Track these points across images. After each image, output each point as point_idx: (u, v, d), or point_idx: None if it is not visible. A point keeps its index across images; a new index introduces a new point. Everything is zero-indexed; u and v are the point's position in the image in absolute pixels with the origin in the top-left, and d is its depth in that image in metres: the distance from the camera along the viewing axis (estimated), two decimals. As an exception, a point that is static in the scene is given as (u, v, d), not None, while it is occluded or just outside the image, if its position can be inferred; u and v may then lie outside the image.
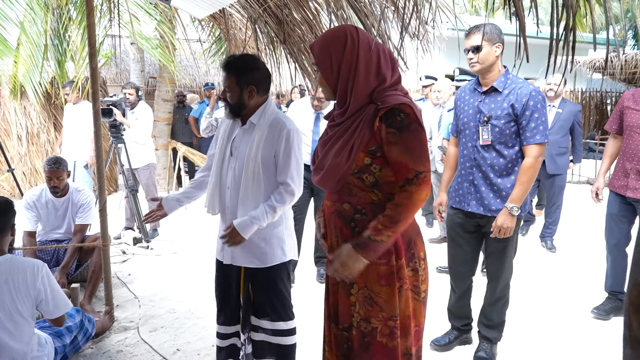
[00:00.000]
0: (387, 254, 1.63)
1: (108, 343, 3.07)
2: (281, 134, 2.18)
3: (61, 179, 3.57)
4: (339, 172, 1.61)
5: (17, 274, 2.26)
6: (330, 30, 1.69)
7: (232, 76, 2.18)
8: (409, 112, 1.57)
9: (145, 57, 9.79)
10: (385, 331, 1.65)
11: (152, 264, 4.58)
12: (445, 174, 2.89)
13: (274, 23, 2.90)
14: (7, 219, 2.32)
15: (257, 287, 2.32)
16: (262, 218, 2.17)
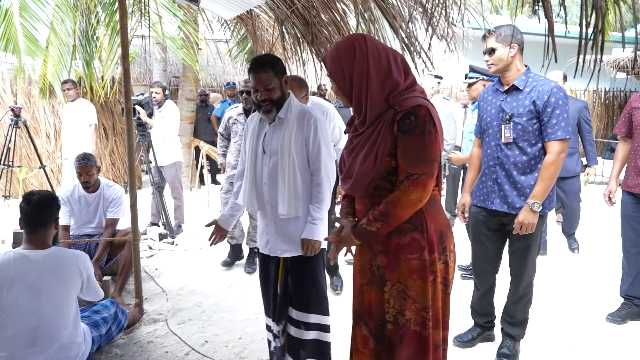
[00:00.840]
0: (419, 249, 1.69)
1: (139, 334, 3.18)
2: (309, 123, 2.28)
3: (91, 174, 3.69)
4: (367, 178, 1.69)
5: (66, 264, 2.39)
6: (338, 42, 1.75)
7: (271, 70, 2.24)
8: (421, 114, 1.61)
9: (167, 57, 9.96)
10: (418, 320, 1.71)
11: (178, 259, 4.69)
12: (469, 175, 2.93)
13: (301, 24, 2.97)
14: (52, 213, 2.44)
15: (295, 276, 2.39)
16: (319, 215, 2.30)
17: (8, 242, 4.98)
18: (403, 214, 1.66)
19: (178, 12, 6.43)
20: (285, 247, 2.37)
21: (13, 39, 5.98)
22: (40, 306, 2.30)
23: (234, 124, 4.17)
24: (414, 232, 1.70)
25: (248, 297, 3.76)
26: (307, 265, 2.37)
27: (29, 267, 2.31)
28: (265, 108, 2.28)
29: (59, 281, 2.35)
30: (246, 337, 3.12)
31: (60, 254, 2.42)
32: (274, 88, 2.25)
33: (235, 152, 4.15)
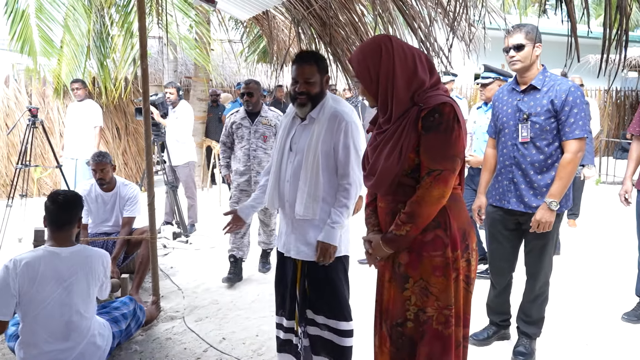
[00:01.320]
0: (442, 246, 1.71)
1: (157, 331, 3.22)
2: (340, 126, 2.24)
3: (106, 171, 3.75)
4: (391, 174, 1.70)
5: (93, 261, 2.45)
6: (364, 43, 1.78)
7: (314, 65, 2.24)
8: (446, 112, 1.64)
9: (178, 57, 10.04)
10: (440, 319, 1.73)
11: (192, 257, 4.74)
12: (484, 176, 2.92)
13: (318, 25, 3.00)
14: (76, 212, 2.49)
15: (312, 281, 2.34)
16: (340, 219, 2.24)
17: (25, 240, 5.05)
18: (429, 212, 1.68)
19: (190, 12, 6.49)
20: (300, 249, 2.33)
21: (29, 40, 6.06)
22: (70, 301, 2.36)
23: (239, 129, 4.04)
24: (438, 229, 1.72)
25: (263, 295, 3.80)
26: (323, 269, 2.32)
27: (58, 263, 2.37)
28: (301, 100, 2.25)
29: (86, 277, 2.41)
30: (263, 334, 3.15)
31: (87, 251, 2.49)
32: (314, 83, 2.24)
33: (244, 158, 4.02)
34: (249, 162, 4.00)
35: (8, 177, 7.44)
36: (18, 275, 2.28)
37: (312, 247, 2.31)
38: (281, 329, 2.51)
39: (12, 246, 4.90)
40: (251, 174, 4.01)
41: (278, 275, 2.52)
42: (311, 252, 2.32)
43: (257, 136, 3.99)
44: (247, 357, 2.87)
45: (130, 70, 6.96)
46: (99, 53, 6.80)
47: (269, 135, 4.00)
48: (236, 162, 4.09)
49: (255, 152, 4.00)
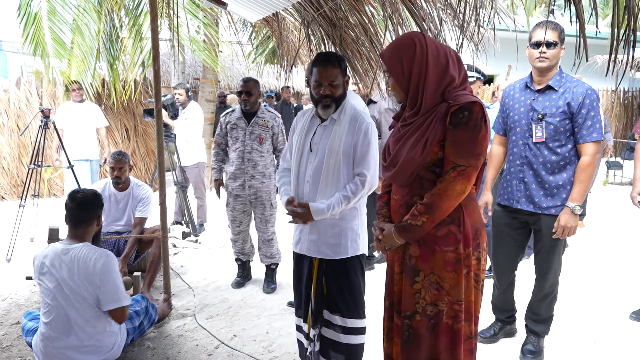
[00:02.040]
0: (455, 242, 1.74)
1: (169, 328, 3.27)
2: (361, 127, 2.29)
3: (123, 170, 3.83)
4: (413, 165, 1.73)
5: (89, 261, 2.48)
6: (398, 39, 1.82)
7: (338, 67, 2.27)
8: (475, 110, 1.68)
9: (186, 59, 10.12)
10: (450, 313, 1.76)
11: (202, 256, 4.79)
12: (490, 173, 2.93)
13: (328, 26, 3.04)
14: (94, 210, 2.54)
15: (330, 279, 2.35)
16: (337, 206, 2.26)
17: (36, 239, 5.13)
18: (448, 206, 1.70)
19: (198, 14, 6.55)
20: (321, 249, 2.35)
21: (42, 43, 6.14)
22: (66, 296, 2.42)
23: (233, 129, 3.78)
24: (452, 225, 1.75)
25: (273, 293, 3.84)
26: (342, 268, 2.34)
27: (61, 259, 2.44)
28: (326, 102, 2.28)
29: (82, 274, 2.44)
30: (273, 331, 3.20)
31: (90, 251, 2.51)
32: (338, 85, 2.27)
33: (237, 161, 3.76)
34: (242, 165, 3.75)
35: (19, 178, 7.54)
36: (35, 268, 2.38)
37: (332, 246, 2.34)
38: (301, 332, 2.51)
39: (24, 245, 4.98)
40: (245, 177, 3.76)
41: (296, 276, 2.52)
42: (333, 252, 2.34)
43: (252, 138, 3.73)
44: (258, 353, 2.91)
45: (140, 72, 7.03)
46: (108, 55, 6.87)
47: (265, 137, 3.76)
48: (229, 165, 3.87)
49: (250, 155, 3.74)
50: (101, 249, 2.58)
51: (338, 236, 2.34)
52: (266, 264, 3.97)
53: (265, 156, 3.78)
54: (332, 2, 2.82)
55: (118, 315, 2.55)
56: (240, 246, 3.97)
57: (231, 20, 4.84)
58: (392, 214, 1.91)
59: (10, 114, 7.51)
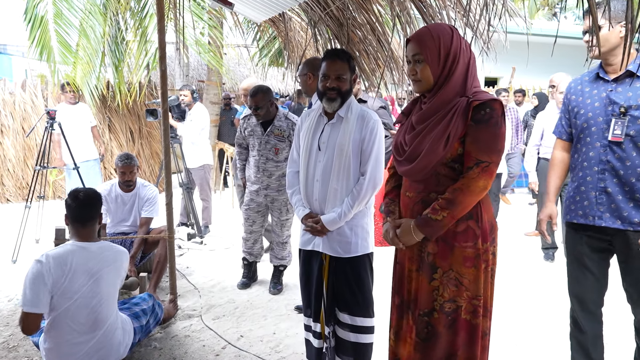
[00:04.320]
0: (474, 237, 1.74)
1: (175, 329, 3.26)
2: (368, 124, 2.29)
3: (133, 173, 3.87)
4: (434, 161, 1.72)
5: (119, 256, 2.53)
6: (432, 25, 1.81)
7: (346, 63, 2.26)
8: (496, 108, 1.69)
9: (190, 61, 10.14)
10: (469, 309, 1.75)
11: (207, 258, 4.78)
12: (554, 182, 2.46)
13: (335, 26, 3.03)
14: (98, 208, 2.55)
15: (340, 278, 2.35)
16: (348, 212, 2.28)
17: (42, 241, 5.13)
18: (469, 202, 1.70)
19: (203, 15, 6.57)
20: (332, 246, 2.35)
21: (47, 46, 6.16)
22: (98, 294, 2.42)
23: (251, 136, 3.77)
24: (470, 220, 1.74)
25: (279, 294, 3.83)
26: (352, 266, 2.34)
27: (88, 256, 2.44)
28: (331, 95, 2.26)
29: (113, 271, 2.48)
30: (280, 332, 3.18)
31: (114, 247, 2.56)
32: (345, 80, 2.27)
33: (254, 168, 3.76)
34: (258, 174, 3.74)
35: (24, 180, 7.55)
36: (51, 268, 2.33)
37: (342, 244, 2.34)
38: (310, 331, 2.49)
39: (29, 247, 4.98)
40: (261, 185, 3.76)
41: (304, 275, 2.50)
42: (344, 250, 2.34)
43: (267, 148, 3.69)
44: (265, 354, 2.89)
45: (145, 74, 7.05)
46: (113, 57, 6.89)
47: (280, 148, 3.68)
48: (248, 169, 3.89)
49: (265, 165, 3.70)
50: (119, 246, 2.63)
51: (349, 234, 2.34)
52: (275, 264, 3.93)
53: (282, 165, 3.70)
54: (339, 1, 2.81)
55: None
56: (250, 245, 3.93)
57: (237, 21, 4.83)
58: (404, 212, 1.89)
59: (16, 117, 7.54)
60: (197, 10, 6.26)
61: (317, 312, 2.40)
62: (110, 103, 7.81)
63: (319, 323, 2.41)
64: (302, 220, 2.42)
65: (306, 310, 2.50)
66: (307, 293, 2.48)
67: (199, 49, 6.51)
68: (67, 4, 6.08)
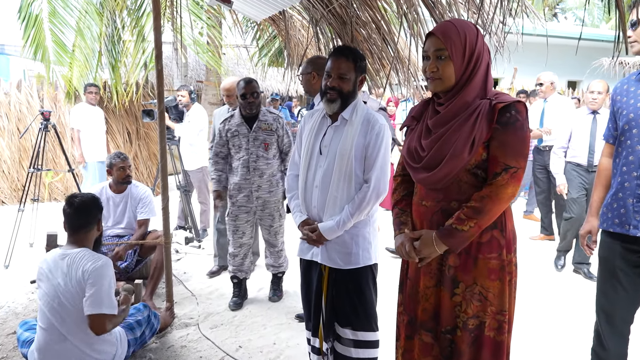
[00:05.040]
0: (498, 248, 1.63)
1: (171, 338, 3.14)
2: (374, 128, 2.15)
3: (131, 168, 3.83)
4: (458, 166, 1.60)
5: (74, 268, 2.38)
6: (457, 20, 1.69)
7: (352, 62, 2.12)
8: (521, 110, 1.58)
9: (189, 62, 10.03)
10: (493, 325, 1.64)
11: (205, 262, 4.66)
12: (599, 193, 2.27)
13: (338, 24, 2.92)
14: (94, 215, 2.43)
15: (340, 290, 2.22)
16: (348, 221, 2.13)
17: (36, 244, 5.01)
18: (497, 210, 1.58)
19: (202, 15, 6.46)
20: (331, 256, 2.21)
21: (42, 45, 6.05)
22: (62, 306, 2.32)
23: (235, 137, 3.47)
24: (494, 230, 1.63)
25: (279, 302, 3.71)
26: (353, 278, 2.21)
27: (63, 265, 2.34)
28: (331, 96, 2.12)
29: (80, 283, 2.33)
30: (280, 342, 3.06)
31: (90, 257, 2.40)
32: (347, 80, 2.12)
33: (242, 170, 3.45)
34: (248, 175, 3.45)
35: (19, 182, 7.43)
36: (37, 274, 2.30)
37: (342, 254, 2.20)
38: (310, 345, 2.37)
39: (23, 250, 4.86)
40: (252, 188, 3.47)
41: (304, 285, 2.38)
42: (344, 261, 2.21)
43: (257, 144, 3.43)
44: (265, 366, 2.78)
45: (142, 74, 6.94)
46: (110, 57, 6.77)
47: (270, 142, 3.47)
48: (233, 176, 3.54)
49: (256, 164, 3.44)
50: (100, 255, 2.47)
51: (349, 244, 2.20)
52: (273, 272, 3.75)
53: (272, 162, 3.50)
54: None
55: (95, 323, 2.28)
56: (239, 262, 3.61)
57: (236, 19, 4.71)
58: (420, 222, 1.75)
59: (11, 117, 7.42)
60: (195, 9, 6.15)
61: (316, 326, 2.28)
62: (107, 104, 7.69)
63: (317, 338, 2.29)
64: (299, 227, 2.28)
65: (307, 323, 2.38)
66: (307, 305, 2.36)
67: (197, 49, 6.39)
68: (63, 2, 5.97)
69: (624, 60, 11.66)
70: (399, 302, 1.88)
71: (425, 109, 1.77)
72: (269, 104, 10.06)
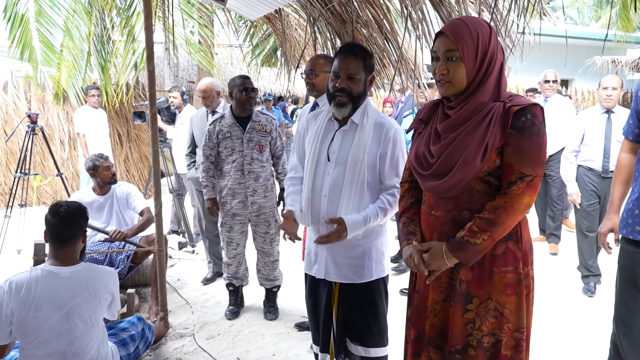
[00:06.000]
0: (514, 261, 1.53)
1: (165, 350, 3.02)
2: (388, 134, 2.03)
3: (114, 167, 3.75)
4: (471, 173, 1.49)
5: (97, 282, 2.23)
6: (469, 18, 1.57)
7: (361, 60, 1.98)
8: (537, 114, 1.48)
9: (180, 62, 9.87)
10: (510, 343, 1.54)
11: (200, 268, 4.53)
12: (619, 189, 2.22)
13: (337, 23, 2.81)
14: (80, 226, 2.28)
15: (353, 305, 2.11)
16: (373, 220, 2.01)
17: (24, 251, 4.85)
18: (512, 221, 1.48)
19: (193, 14, 6.33)
20: (342, 271, 2.09)
21: (29, 45, 5.88)
22: (71, 328, 2.15)
23: (226, 139, 3.27)
24: (509, 241, 1.53)
25: (279, 310, 3.58)
26: (366, 292, 2.10)
27: (57, 285, 2.16)
28: (340, 99, 1.98)
29: (90, 300, 2.19)
30: (280, 353, 2.95)
31: (91, 271, 2.26)
32: (357, 80, 1.98)
33: (236, 174, 3.26)
34: (243, 179, 3.26)
35: (7, 186, 7.24)
36: (12, 297, 2.08)
37: (353, 268, 2.09)
38: None
39: (11, 258, 4.70)
40: (247, 192, 3.28)
41: (311, 301, 2.25)
42: (356, 275, 2.09)
43: (251, 146, 3.25)
44: (265, 379, 2.67)
45: (132, 75, 6.79)
46: (99, 57, 6.62)
47: (265, 144, 3.30)
48: (224, 180, 3.34)
49: (251, 166, 3.25)
50: (106, 267, 2.39)
51: (362, 257, 2.08)
52: (267, 287, 3.49)
53: (267, 166, 3.34)
54: (342, -4, 2.59)
55: None
56: (234, 270, 3.47)
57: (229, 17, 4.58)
58: (429, 233, 1.64)
59: (-2, 120, 7.23)
60: (186, 8, 6.01)
61: (326, 342, 2.16)
62: (96, 105, 7.51)
63: (327, 354, 2.17)
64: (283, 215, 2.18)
65: (315, 339, 2.26)
66: (314, 321, 2.24)
67: (189, 49, 6.25)
68: (50, 1, 5.82)
69: (616, 58, 11.70)
70: (408, 317, 1.78)
71: (434, 111, 1.67)
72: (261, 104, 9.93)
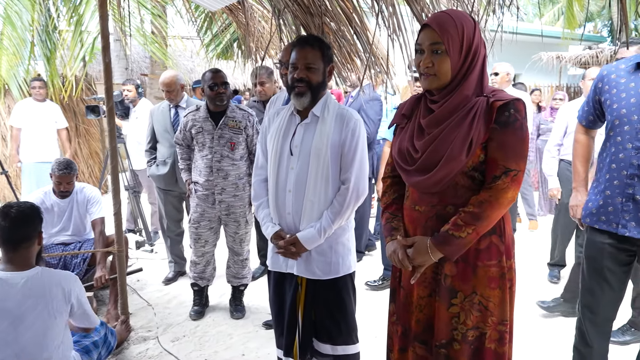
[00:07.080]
0: (498, 254, 1.55)
1: (129, 355, 2.90)
2: (349, 125, 2.01)
3: (71, 183, 3.42)
4: (456, 168, 1.50)
5: (51, 287, 2.08)
6: (454, 11, 1.57)
7: (318, 51, 1.96)
8: (520, 109, 1.50)
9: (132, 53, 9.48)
10: (494, 336, 1.56)
11: (160, 268, 4.38)
12: (583, 167, 2.30)
13: (305, 15, 2.75)
14: (35, 227, 2.13)
15: (320, 303, 2.09)
16: (329, 227, 2.00)
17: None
18: (496, 216, 1.50)
19: (146, 3, 6.07)
20: (308, 266, 2.07)
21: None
22: (18, 336, 2.00)
23: (199, 133, 3.18)
24: (493, 235, 1.55)
25: (246, 307, 3.51)
26: (333, 289, 2.08)
27: (7, 292, 2.01)
28: (299, 90, 1.96)
29: (41, 307, 2.04)
30: (249, 352, 2.89)
31: (45, 276, 2.11)
32: (316, 70, 1.96)
33: (205, 170, 3.17)
34: (211, 177, 3.16)
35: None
36: None
37: (321, 264, 2.06)
38: None
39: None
40: (214, 190, 3.19)
41: (276, 301, 2.20)
42: (323, 271, 2.06)
43: (222, 143, 3.15)
44: (236, 380, 2.61)
45: (80, 67, 6.45)
46: (44, 48, 6.24)
47: (237, 142, 3.18)
48: (196, 173, 3.26)
49: (220, 164, 3.15)
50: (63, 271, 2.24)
51: (327, 253, 2.06)
52: (234, 285, 3.42)
53: (239, 164, 3.20)
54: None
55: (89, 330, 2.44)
56: (201, 269, 3.35)
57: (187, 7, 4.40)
58: (413, 228, 1.64)
59: None
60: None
61: (290, 344, 2.11)
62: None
63: (291, 358, 2.12)
64: (272, 240, 2.11)
65: (279, 341, 2.22)
66: (279, 322, 2.18)
67: (143, 40, 5.99)
68: (-13, -14, 5.41)
69: (560, 54, 12.23)
70: (391, 312, 1.77)
71: (417, 106, 1.66)
72: None
